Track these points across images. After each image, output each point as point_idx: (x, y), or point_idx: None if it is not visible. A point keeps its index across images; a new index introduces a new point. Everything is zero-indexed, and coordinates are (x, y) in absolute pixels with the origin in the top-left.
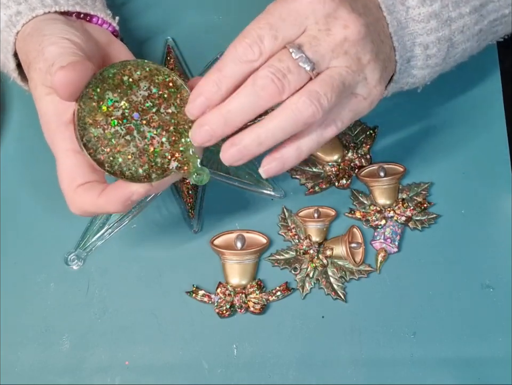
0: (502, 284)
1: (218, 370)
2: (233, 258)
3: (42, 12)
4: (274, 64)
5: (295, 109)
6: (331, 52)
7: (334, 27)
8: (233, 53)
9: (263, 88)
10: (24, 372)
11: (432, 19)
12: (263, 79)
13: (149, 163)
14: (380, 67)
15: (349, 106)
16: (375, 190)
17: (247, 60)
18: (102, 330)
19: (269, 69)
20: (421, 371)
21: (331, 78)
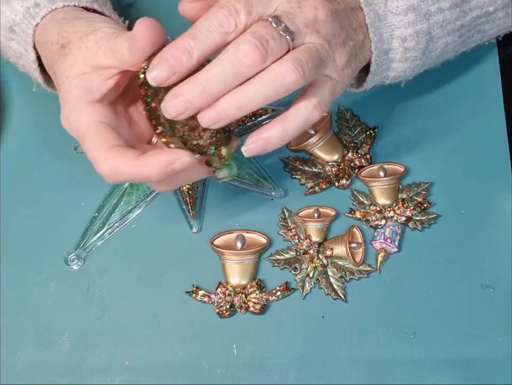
0: (502, 284)
1: (218, 370)
2: (233, 258)
3: (62, 5)
4: (257, 30)
5: (278, 74)
6: (305, 28)
7: (305, 6)
8: (208, 22)
9: (246, 55)
10: (24, 372)
11: (409, 12)
12: (246, 45)
13: (197, 140)
14: (348, 52)
15: (329, 89)
16: (375, 190)
17: (222, 31)
18: (102, 330)
19: (252, 34)
20: (421, 371)
21: (310, 49)
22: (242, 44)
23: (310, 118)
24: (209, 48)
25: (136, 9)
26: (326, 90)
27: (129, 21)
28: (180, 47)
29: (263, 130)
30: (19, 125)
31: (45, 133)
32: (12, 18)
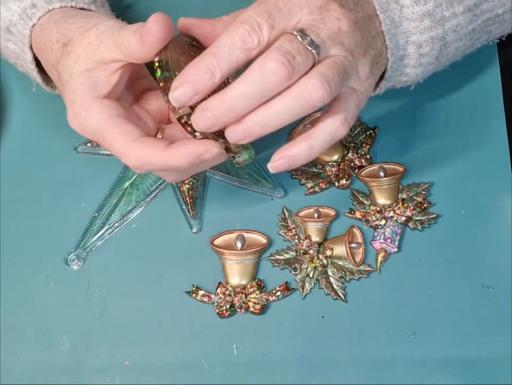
0: (502, 284)
1: (218, 370)
2: (233, 258)
3: (59, 6)
4: (284, 46)
5: (305, 91)
6: (329, 40)
7: (328, 18)
8: (230, 39)
9: (273, 73)
10: (24, 372)
11: (425, 18)
12: (274, 62)
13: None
14: (370, 62)
15: (354, 102)
16: (375, 190)
17: (245, 47)
18: (102, 330)
19: (279, 50)
20: (421, 371)
21: (335, 63)
22: (269, 61)
23: (337, 135)
24: (232, 66)
25: (133, 10)
26: (351, 104)
27: (127, 22)
28: (203, 67)
29: (290, 146)
30: (19, 125)
31: (45, 133)
32: (8, 19)
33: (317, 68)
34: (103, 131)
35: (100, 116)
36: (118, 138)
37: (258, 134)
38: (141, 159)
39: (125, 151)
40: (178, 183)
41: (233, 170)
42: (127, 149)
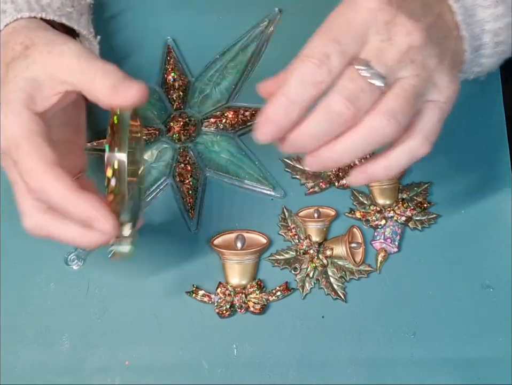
0: (502, 284)
1: (218, 370)
2: (233, 258)
3: (28, 15)
4: (346, 87)
5: (371, 129)
6: (398, 63)
7: (396, 35)
8: (300, 76)
9: (338, 115)
10: (24, 372)
11: (499, 4)
12: (338, 105)
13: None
14: (448, 67)
15: (435, 115)
16: (375, 190)
17: (315, 82)
18: (102, 330)
19: (341, 93)
20: (421, 371)
21: (404, 91)
22: (333, 104)
23: (418, 155)
24: (306, 102)
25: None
26: (432, 118)
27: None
28: (278, 107)
29: (369, 164)
30: None
31: None
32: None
33: (384, 100)
34: (21, 140)
35: (25, 127)
36: (32, 154)
37: (328, 167)
38: (44, 186)
39: (33, 169)
40: (178, 183)
41: (233, 170)
42: (37, 169)
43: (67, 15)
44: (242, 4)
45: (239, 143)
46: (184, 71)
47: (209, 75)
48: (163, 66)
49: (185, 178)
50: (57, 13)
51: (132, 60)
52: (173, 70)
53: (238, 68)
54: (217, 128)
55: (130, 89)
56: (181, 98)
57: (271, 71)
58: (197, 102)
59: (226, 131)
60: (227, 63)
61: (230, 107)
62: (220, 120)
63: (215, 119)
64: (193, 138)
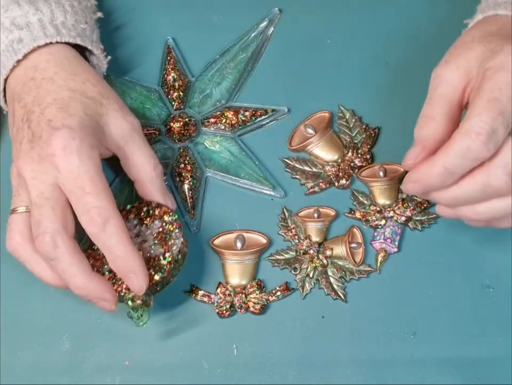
0: (502, 284)
1: (218, 370)
2: (233, 258)
3: (43, 42)
4: (509, 162)
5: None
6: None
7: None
8: (464, 150)
9: (495, 190)
10: (24, 372)
11: None
12: (498, 182)
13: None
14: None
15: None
16: (375, 190)
17: (478, 157)
18: (102, 330)
19: (504, 169)
20: (421, 371)
21: None
22: (494, 180)
23: None
24: (463, 172)
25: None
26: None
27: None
28: (436, 175)
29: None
30: None
31: None
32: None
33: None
34: (94, 176)
35: (97, 163)
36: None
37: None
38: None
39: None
40: (177, 183)
41: (233, 170)
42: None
43: (81, 33)
44: (242, 4)
45: (239, 143)
46: (184, 71)
47: (209, 75)
48: (163, 66)
49: (185, 178)
50: (72, 33)
51: (132, 60)
52: (173, 70)
53: (238, 68)
54: (217, 128)
55: (171, 201)
56: (181, 98)
57: (271, 71)
58: (197, 102)
59: (226, 131)
60: (227, 63)
61: (230, 107)
62: (220, 120)
63: (215, 119)
64: (193, 138)
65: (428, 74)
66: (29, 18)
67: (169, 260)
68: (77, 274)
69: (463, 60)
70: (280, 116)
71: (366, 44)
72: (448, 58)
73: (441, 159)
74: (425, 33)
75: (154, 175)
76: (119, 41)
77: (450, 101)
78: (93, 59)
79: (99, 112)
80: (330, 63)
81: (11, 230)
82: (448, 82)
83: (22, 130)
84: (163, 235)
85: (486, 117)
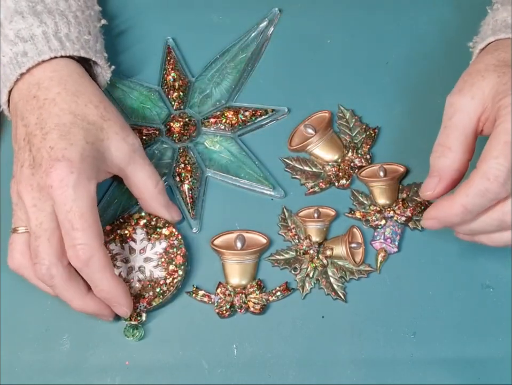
0: (502, 284)
1: (218, 370)
2: (233, 258)
3: (48, 57)
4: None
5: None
6: None
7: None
8: (483, 191)
9: (509, 225)
10: (24, 372)
11: None
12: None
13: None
14: None
15: None
16: (375, 190)
17: (496, 198)
18: (102, 330)
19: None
20: (421, 371)
21: None
22: (509, 216)
23: None
24: (481, 210)
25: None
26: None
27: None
28: (455, 215)
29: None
30: None
31: None
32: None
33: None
34: (86, 211)
35: (91, 196)
36: (91, 232)
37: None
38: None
39: (88, 245)
40: (178, 183)
41: (233, 170)
42: (92, 246)
43: (84, 45)
44: (242, 4)
45: (239, 143)
46: (184, 71)
47: (209, 75)
48: (163, 66)
49: (185, 178)
50: (76, 46)
51: (133, 60)
52: (173, 70)
53: (238, 68)
54: (217, 128)
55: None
56: (181, 98)
57: (271, 71)
58: (197, 102)
59: (226, 131)
60: (227, 63)
61: (230, 107)
62: (220, 120)
63: (215, 119)
64: (193, 138)
65: (428, 74)
66: (34, 31)
67: (171, 288)
68: (73, 298)
69: (477, 90)
70: (280, 116)
71: (366, 44)
72: (462, 86)
73: (461, 199)
74: (425, 33)
75: (156, 192)
76: (119, 42)
77: (466, 131)
78: (97, 69)
79: (99, 138)
80: (330, 63)
81: (13, 250)
82: (463, 111)
83: (24, 152)
84: (166, 257)
85: (503, 160)
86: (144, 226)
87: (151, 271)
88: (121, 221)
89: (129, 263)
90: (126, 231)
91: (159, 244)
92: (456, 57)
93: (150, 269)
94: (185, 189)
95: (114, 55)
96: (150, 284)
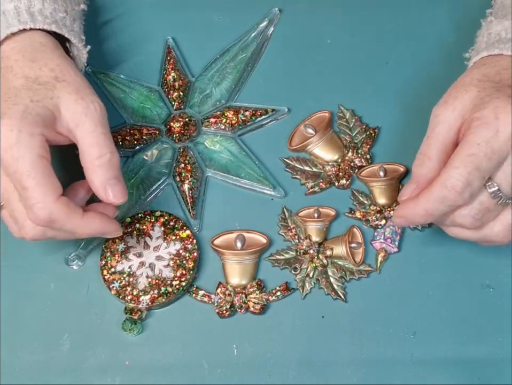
0: (502, 284)
1: (218, 370)
2: (233, 258)
3: (17, 29)
4: (476, 207)
5: (487, 237)
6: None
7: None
8: (442, 199)
9: (460, 224)
10: (24, 372)
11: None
12: (464, 220)
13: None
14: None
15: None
16: (375, 190)
17: (454, 205)
18: (102, 330)
19: (470, 212)
20: (421, 371)
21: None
22: (461, 219)
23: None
24: (440, 214)
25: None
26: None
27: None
28: (418, 216)
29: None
30: None
31: None
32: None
33: (504, 216)
34: (31, 169)
35: (35, 152)
36: (42, 188)
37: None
38: (55, 218)
39: (42, 202)
40: (178, 183)
41: (233, 170)
42: (46, 203)
43: (58, 21)
44: (242, 4)
45: (239, 142)
46: (184, 71)
47: (209, 75)
48: (163, 66)
49: (185, 178)
50: (47, 20)
51: (133, 60)
52: (173, 70)
53: (238, 68)
54: (217, 128)
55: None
56: (181, 98)
57: (271, 71)
58: (197, 102)
59: (226, 131)
60: (227, 63)
61: (230, 107)
62: (220, 120)
63: (215, 119)
64: (193, 138)
65: (428, 74)
66: (5, 6)
67: (176, 291)
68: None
69: (459, 103)
70: (280, 116)
71: (366, 44)
72: (447, 99)
73: (423, 203)
74: (425, 33)
75: (95, 164)
76: (119, 42)
77: (445, 142)
78: (73, 50)
79: (48, 96)
80: (330, 63)
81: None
82: (444, 123)
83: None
84: (178, 259)
85: (463, 170)
86: (162, 224)
87: (160, 270)
88: (141, 216)
89: (140, 258)
90: (144, 226)
91: (173, 245)
92: (456, 57)
93: (160, 267)
94: (185, 188)
95: (114, 55)
96: (157, 282)
